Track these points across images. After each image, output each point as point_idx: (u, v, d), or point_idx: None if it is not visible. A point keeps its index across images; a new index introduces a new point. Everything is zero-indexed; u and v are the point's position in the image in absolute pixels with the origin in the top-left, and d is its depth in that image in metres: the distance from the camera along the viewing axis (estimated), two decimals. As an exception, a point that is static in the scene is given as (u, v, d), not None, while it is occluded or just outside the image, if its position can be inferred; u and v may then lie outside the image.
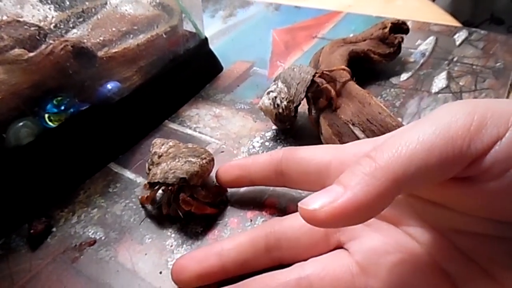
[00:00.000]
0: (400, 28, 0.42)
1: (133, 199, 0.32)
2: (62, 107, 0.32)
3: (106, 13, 0.38)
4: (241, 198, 0.31)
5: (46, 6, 0.33)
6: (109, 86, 0.36)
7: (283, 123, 0.35)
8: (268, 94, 0.34)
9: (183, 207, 0.28)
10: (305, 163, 0.26)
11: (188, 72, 0.43)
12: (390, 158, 0.17)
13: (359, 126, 0.30)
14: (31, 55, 0.29)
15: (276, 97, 0.33)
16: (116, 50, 0.36)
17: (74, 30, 0.35)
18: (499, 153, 0.17)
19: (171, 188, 0.29)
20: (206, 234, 0.29)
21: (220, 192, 0.31)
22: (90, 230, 0.30)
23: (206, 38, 0.45)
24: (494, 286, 0.19)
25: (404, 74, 0.42)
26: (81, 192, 0.34)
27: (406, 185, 0.17)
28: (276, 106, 0.33)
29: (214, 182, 0.32)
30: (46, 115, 0.31)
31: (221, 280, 0.25)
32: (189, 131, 0.39)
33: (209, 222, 0.30)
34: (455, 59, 0.44)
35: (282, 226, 0.25)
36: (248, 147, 0.36)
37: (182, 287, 0.25)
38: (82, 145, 0.34)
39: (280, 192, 0.31)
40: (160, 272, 0.27)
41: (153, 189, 0.30)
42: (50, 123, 0.32)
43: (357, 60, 0.40)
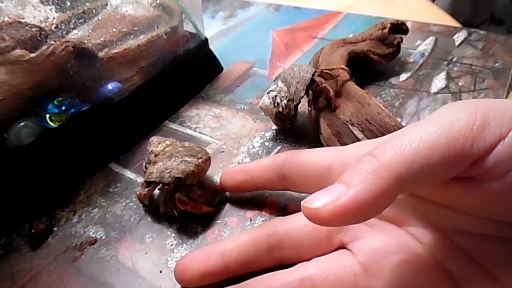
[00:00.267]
0: (399, 28, 0.42)
1: (133, 199, 0.33)
2: (63, 108, 0.32)
3: (106, 14, 0.38)
4: (241, 197, 0.31)
5: (47, 7, 0.33)
6: (109, 86, 0.36)
7: (283, 122, 0.35)
8: (268, 93, 0.34)
9: (179, 207, 0.29)
10: (307, 166, 0.26)
11: (188, 72, 0.43)
12: (393, 156, 0.17)
13: (358, 126, 0.30)
14: (32, 55, 0.29)
15: (276, 96, 0.33)
16: (117, 51, 0.36)
17: (75, 31, 0.35)
18: (502, 153, 0.17)
19: (167, 188, 0.29)
20: (206, 233, 0.29)
21: (217, 192, 0.31)
22: (90, 230, 0.31)
23: (206, 39, 0.45)
24: (496, 287, 0.19)
25: (403, 75, 0.42)
26: (81, 192, 0.34)
27: (408, 183, 0.17)
28: (276, 105, 0.33)
29: (214, 182, 0.32)
30: (47, 116, 0.32)
31: (223, 279, 0.25)
32: (189, 131, 0.39)
33: (209, 221, 0.30)
34: (455, 60, 0.44)
35: (285, 226, 0.25)
36: (248, 147, 0.36)
37: (185, 286, 0.25)
38: (82, 145, 0.35)
39: (279, 191, 0.31)
40: (160, 271, 0.27)
41: (149, 187, 0.30)
42: (51, 123, 0.32)
43: (356, 60, 0.40)
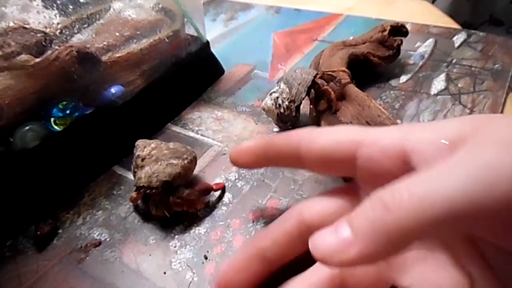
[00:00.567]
0: (399, 31, 0.42)
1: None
2: (67, 111, 0.33)
3: (109, 18, 0.38)
4: (242, 199, 0.32)
5: (51, 11, 0.34)
6: (113, 90, 0.36)
7: (285, 123, 0.35)
8: (271, 95, 0.35)
9: (175, 209, 0.30)
10: (326, 154, 0.24)
11: (190, 75, 0.44)
12: (406, 213, 0.16)
13: (358, 128, 0.31)
14: (37, 60, 0.30)
15: (278, 97, 0.34)
16: (120, 55, 0.36)
17: (79, 35, 0.35)
18: None
19: (155, 191, 0.30)
20: (209, 235, 0.30)
21: (205, 191, 0.32)
22: (95, 232, 0.31)
23: (207, 42, 0.46)
24: None
25: (403, 76, 0.43)
26: (86, 195, 0.34)
27: (419, 238, 0.17)
28: (278, 106, 0.34)
29: (204, 180, 0.33)
30: (52, 119, 0.32)
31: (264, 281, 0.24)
32: (191, 134, 0.40)
33: (212, 223, 0.30)
34: (454, 61, 0.44)
35: (312, 214, 0.24)
36: (249, 149, 0.37)
37: None
38: (86, 148, 0.35)
39: (281, 193, 0.32)
40: (164, 273, 0.27)
41: (139, 191, 0.31)
42: (56, 127, 0.32)
43: (357, 62, 0.40)
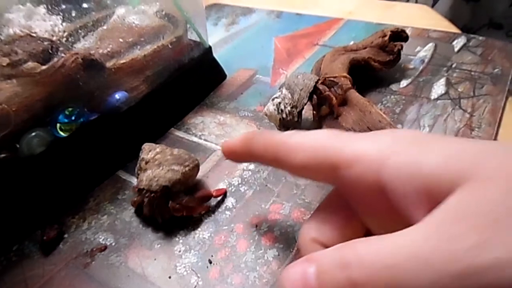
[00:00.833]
0: (399, 36, 0.43)
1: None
2: (73, 117, 0.33)
3: (113, 24, 0.39)
4: (246, 204, 0.32)
5: (55, 17, 0.34)
6: (117, 96, 0.37)
7: (287, 128, 0.36)
8: (273, 100, 0.35)
9: (174, 214, 0.30)
10: (305, 173, 0.23)
11: (192, 80, 0.44)
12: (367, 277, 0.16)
13: (360, 134, 0.31)
14: (44, 68, 0.30)
15: (280, 103, 0.34)
16: (124, 61, 0.37)
17: (84, 42, 0.36)
18: None
19: (154, 195, 0.30)
20: (213, 239, 0.30)
21: (205, 198, 0.33)
22: (100, 236, 0.32)
23: (210, 47, 0.46)
24: None
25: (403, 81, 0.43)
26: (90, 200, 0.35)
27: None
28: (280, 111, 0.34)
29: (204, 187, 0.34)
30: (58, 125, 0.33)
31: None
32: (194, 139, 0.40)
33: (215, 228, 0.31)
34: (454, 66, 0.44)
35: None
36: (252, 154, 0.37)
37: None
38: (91, 153, 0.35)
39: (284, 197, 0.32)
40: (169, 277, 0.28)
41: (140, 194, 0.31)
42: (62, 132, 0.33)
43: (358, 67, 0.41)
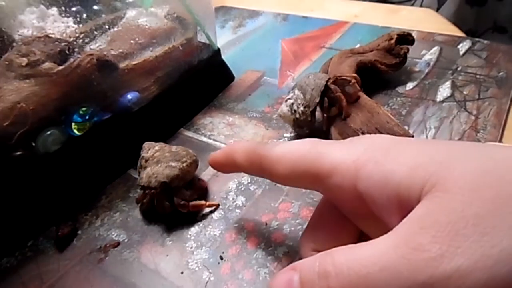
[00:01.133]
0: (405, 39, 0.43)
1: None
2: (87, 117, 0.34)
3: (124, 26, 0.40)
4: (255, 202, 0.33)
5: (67, 19, 0.35)
6: (129, 96, 0.38)
7: (301, 128, 0.37)
8: (286, 101, 0.36)
9: (180, 210, 0.31)
10: (290, 183, 0.24)
11: (202, 82, 0.45)
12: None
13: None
14: (60, 68, 0.31)
15: (293, 103, 0.35)
16: (136, 62, 0.38)
17: (97, 43, 0.37)
18: None
19: (153, 192, 0.31)
20: (224, 236, 0.31)
21: (201, 187, 0.34)
22: (113, 233, 0.32)
23: (218, 49, 0.47)
24: None
25: (409, 84, 0.44)
26: (103, 197, 0.36)
27: None
28: (293, 112, 0.35)
29: (201, 181, 0.35)
30: (73, 124, 0.33)
31: None
32: (204, 139, 0.41)
33: (226, 225, 0.31)
34: (459, 69, 0.45)
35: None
36: (261, 154, 0.38)
37: None
38: (104, 152, 0.36)
39: (293, 196, 0.33)
40: (182, 272, 0.29)
41: (143, 192, 0.32)
42: (76, 131, 0.34)
43: (364, 70, 0.41)
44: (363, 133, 0.32)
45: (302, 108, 0.35)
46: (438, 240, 0.14)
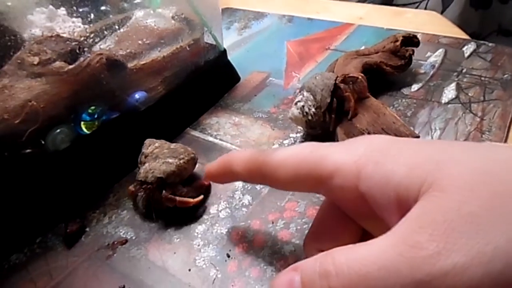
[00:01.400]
0: (411, 41, 0.44)
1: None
2: (95, 116, 0.35)
3: (132, 26, 0.40)
4: (262, 201, 0.33)
5: (75, 19, 0.36)
6: (137, 95, 0.38)
7: (314, 129, 0.37)
8: (296, 104, 0.36)
9: (167, 204, 0.32)
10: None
11: (208, 82, 0.45)
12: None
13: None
14: (71, 67, 0.31)
15: (303, 106, 0.35)
16: (144, 62, 0.38)
17: (105, 43, 0.37)
18: None
19: (150, 187, 0.32)
20: (231, 234, 0.31)
21: (201, 186, 0.34)
22: (121, 230, 0.33)
23: (225, 50, 0.48)
24: None
25: (415, 85, 0.44)
26: (110, 195, 0.36)
27: None
28: (305, 114, 0.35)
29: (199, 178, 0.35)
30: (82, 123, 0.34)
31: None
32: (210, 139, 0.41)
33: (233, 224, 0.32)
34: (464, 71, 0.45)
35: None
36: (267, 154, 0.38)
37: None
38: (112, 150, 0.37)
39: (299, 196, 0.33)
40: (189, 270, 0.29)
41: (137, 186, 0.33)
42: (85, 130, 0.34)
43: (370, 71, 0.42)
44: (369, 133, 0.32)
45: (313, 109, 0.35)
46: (435, 238, 0.15)
